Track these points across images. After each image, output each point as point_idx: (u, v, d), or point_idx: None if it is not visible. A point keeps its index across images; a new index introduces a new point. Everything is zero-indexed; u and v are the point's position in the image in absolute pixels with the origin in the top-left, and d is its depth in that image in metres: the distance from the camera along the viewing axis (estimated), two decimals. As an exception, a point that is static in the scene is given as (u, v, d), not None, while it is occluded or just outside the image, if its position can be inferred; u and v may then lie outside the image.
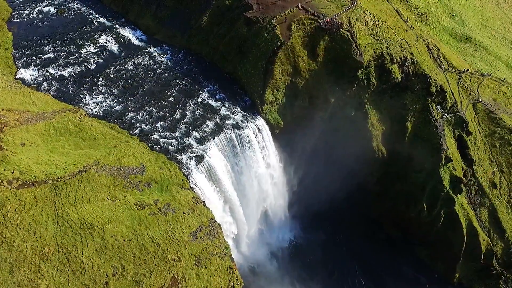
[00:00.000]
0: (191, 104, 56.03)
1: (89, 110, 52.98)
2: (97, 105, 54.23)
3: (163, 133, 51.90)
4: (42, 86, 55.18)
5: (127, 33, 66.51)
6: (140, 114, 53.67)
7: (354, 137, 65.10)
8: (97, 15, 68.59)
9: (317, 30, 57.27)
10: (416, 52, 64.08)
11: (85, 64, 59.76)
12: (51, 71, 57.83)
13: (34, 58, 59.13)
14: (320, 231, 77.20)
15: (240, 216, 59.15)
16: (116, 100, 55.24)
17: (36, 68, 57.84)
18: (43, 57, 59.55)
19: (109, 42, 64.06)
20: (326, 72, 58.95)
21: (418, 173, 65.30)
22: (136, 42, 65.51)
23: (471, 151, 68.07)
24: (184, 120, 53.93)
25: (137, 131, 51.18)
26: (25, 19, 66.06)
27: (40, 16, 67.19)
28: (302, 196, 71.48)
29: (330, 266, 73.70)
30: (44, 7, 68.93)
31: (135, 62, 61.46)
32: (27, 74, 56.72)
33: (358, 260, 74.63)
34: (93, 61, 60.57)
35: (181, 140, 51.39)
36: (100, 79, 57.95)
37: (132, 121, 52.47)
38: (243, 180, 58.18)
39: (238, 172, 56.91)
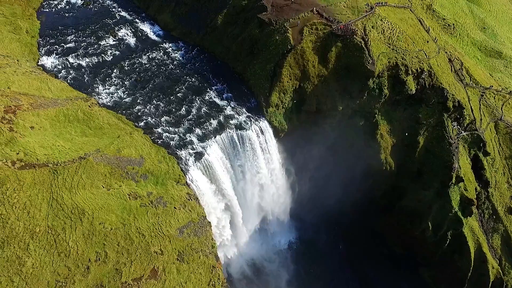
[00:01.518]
0: (198, 101, 56.88)
1: (100, 99, 55.08)
2: (109, 95, 56.28)
3: (167, 127, 53.07)
4: (60, 74, 58.06)
5: (145, 27, 68.55)
6: (148, 107, 55.14)
7: (362, 147, 63.51)
8: (119, 9, 71.19)
9: (329, 36, 56.32)
10: (435, 64, 61.40)
11: (102, 55, 62.24)
12: (71, 60, 60.70)
13: (57, 46, 62.32)
14: (322, 239, 75.96)
15: (238, 217, 59.21)
16: (127, 92, 57.08)
17: (57, 56, 60.94)
18: (64, 46, 62.65)
19: (128, 35, 66.27)
20: (336, 79, 57.88)
21: (426, 191, 62.65)
22: (153, 37, 67.35)
23: (487, 173, 64.43)
24: (189, 117, 54.86)
25: (142, 123, 52.63)
26: (54, 9, 69.71)
27: (67, 7, 70.67)
28: (304, 203, 70.49)
29: (329, 276, 72.38)
30: (72, -1, 72.46)
31: (150, 56, 63.23)
32: (48, 61, 59.87)
33: (358, 272, 72.97)
34: (110, 53, 62.93)
35: (183, 136, 52.32)
36: (115, 70, 60.11)
37: (139, 114, 54.01)
38: (243, 181, 58.31)
39: (238, 172, 57.12)
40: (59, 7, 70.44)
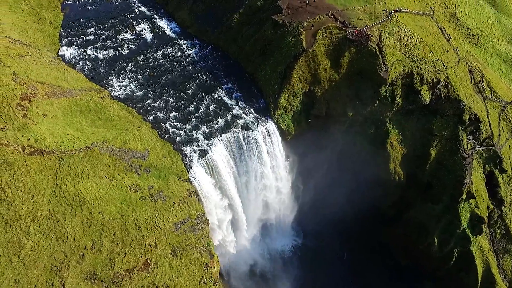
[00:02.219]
0: (207, 99, 57.40)
1: (113, 92, 56.55)
2: (121, 88, 57.71)
3: (174, 123, 53.88)
4: (78, 65, 60.00)
5: (163, 24, 69.75)
6: (158, 102, 56.15)
7: (371, 156, 62.24)
8: (139, 4, 72.76)
9: (343, 40, 55.42)
10: (453, 75, 59.26)
11: (119, 48, 63.85)
12: (89, 51, 62.63)
13: (77, 38, 64.43)
14: (326, 247, 74.88)
15: (240, 218, 59.34)
16: (139, 86, 58.35)
17: (77, 47, 63.01)
18: (84, 38, 64.68)
19: (145, 30, 67.68)
20: (348, 84, 56.94)
21: (435, 204, 60.65)
22: (170, 33, 68.45)
23: (502, 191, 61.68)
24: (197, 114, 55.47)
25: (151, 118, 53.65)
26: (77, 2, 72.09)
27: (90, 0, 72.86)
28: (309, 207, 69.79)
29: (333, 285, 71.35)
30: (95, -8, 74.62)
31: (164, 52, 64.33)
32: (68, 52, 62.00)
33: (361, 282, 71.49)
34: (127, 47, 64.49)
35: (190, 133, 52.98)
36: (130, 64, 61.55)
37: (149, 108, 55.10)
38: (246, 181, 58.43)
39: (241, 172, 57.25)
40: (82, 0, 72.77)
